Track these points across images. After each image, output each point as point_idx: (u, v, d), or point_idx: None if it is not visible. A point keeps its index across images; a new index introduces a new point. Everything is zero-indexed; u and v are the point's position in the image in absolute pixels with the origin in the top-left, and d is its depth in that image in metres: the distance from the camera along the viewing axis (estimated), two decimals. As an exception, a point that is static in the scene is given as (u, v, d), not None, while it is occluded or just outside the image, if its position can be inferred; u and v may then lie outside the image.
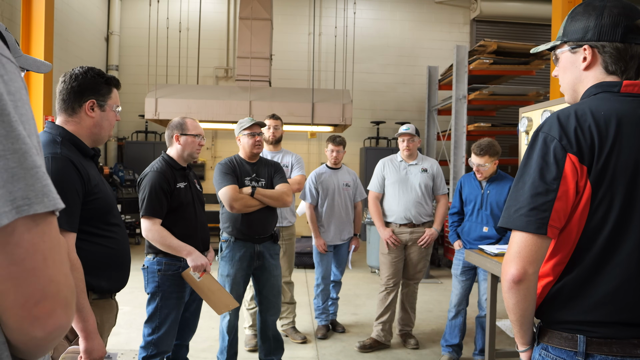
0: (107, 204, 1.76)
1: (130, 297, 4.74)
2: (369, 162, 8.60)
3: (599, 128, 1.14)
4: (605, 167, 1.13)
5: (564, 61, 1.30)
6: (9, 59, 0.64)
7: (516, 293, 1.17)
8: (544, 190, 1.13)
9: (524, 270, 1.15)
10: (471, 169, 3.51)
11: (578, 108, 1.18)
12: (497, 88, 7.27)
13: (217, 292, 2.59)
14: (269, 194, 3.01)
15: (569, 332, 1.17)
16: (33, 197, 0.57)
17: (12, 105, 0.59)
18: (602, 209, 1.13)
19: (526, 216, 1.13)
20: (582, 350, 1.14)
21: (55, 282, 0.60)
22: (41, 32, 5.57)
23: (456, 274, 3.56)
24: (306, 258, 6.48)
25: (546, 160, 1.14)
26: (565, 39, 1.28)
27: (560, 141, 1.14)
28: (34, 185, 0.58)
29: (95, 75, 1.79)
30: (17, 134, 0.57)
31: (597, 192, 1.13)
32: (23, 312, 0.58)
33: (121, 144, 9.34)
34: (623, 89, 1.20)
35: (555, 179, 1.12)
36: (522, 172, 1.18)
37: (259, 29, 7.02)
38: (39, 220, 0.59)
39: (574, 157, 1.13)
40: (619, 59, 1.21)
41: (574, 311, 1.17)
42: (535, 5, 9.41)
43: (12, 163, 0.56)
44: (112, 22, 9.39)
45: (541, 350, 1.23)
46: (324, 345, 3.94)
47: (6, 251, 0.56)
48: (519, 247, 1.15)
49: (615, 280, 1.14)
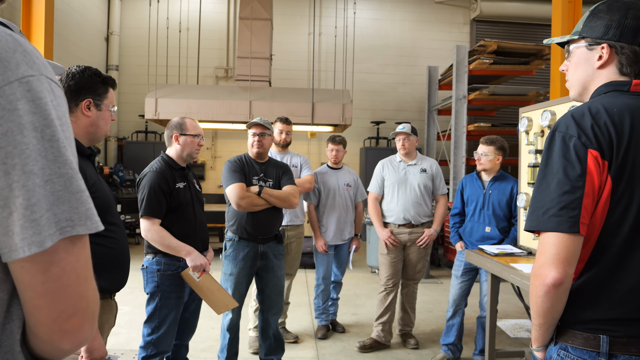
0: (105, 203, 1.76)
1: (130, 297, 4.74)
2: (369, 162, 8.60)
3: (615, 124, 1.13)
4: (624, 162, 1.12)
5: (578, 57, 1.29)
6: (57, 84, 0.66)
7: (554, 297, 1.13)
8: (570, 188, 1.11)
9: (565, 272, 1.11)
10: (472, 169, 3.51)
11: (591, 106, 1.17)
12: (497, 88, 7.27)
13: (216, 292, 2.59)
14: (275, 194, 3.02)
15: (590, 332, 1.14)
16: (77, 220, 0.61)
17: (60, 130, 0.62)
18: (622, 204, 1.12)
19: (557, 216, 1.11)
20: (606, 351, 1.12)
21: (86, 298, 0.64)
22: (41, 32, 5.57)
23: (457, 274, 3.55)
24: (306, 258, 6.47)
25: (568, 159, 1.12)
26: (584, 34, 1.27)
27: (579, 138, 1.13)
28: (77, 209, 0.61)
29: (92, 74, 1.79)
30: (65, 159, 0.62)
31: (617, 187, 1.12)
32: (55, 326, 0.62)
33: (121, 144, 9.34)
34: (633, 87, 1.20)
35: (581, 176, 1.11)
36: (544, 174, 1.16)
37: (259, 29, 7.01)
38: (77, 241, 0.62)
39: (595, 152, 1.12)
40: (635, 62, 1.21)
41: (596, 309, 1.15)
42: (535, 5, 9.41)
43: (59, 187, 0.60)
44: (112, 22, 9.39)
45: (560, 350, 1.20)
46: (324, 345, 3.93)
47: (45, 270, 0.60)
48: (557, 249, 1.11)
49: (637, 275, 1.12)
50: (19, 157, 0.58)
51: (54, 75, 0.67)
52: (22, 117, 0.59)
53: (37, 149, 0.59)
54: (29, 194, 0.58)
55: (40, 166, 0.59)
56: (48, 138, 0.61)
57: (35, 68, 0.63)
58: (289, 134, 3.90)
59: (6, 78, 0.60)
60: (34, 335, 0.64)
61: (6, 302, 0.62)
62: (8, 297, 0.63)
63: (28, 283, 0.60)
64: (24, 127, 0.59)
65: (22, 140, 0.59)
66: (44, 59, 0.68)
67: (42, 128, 0.60)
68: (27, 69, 0.62)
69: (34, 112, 0.60)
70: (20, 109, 0.59)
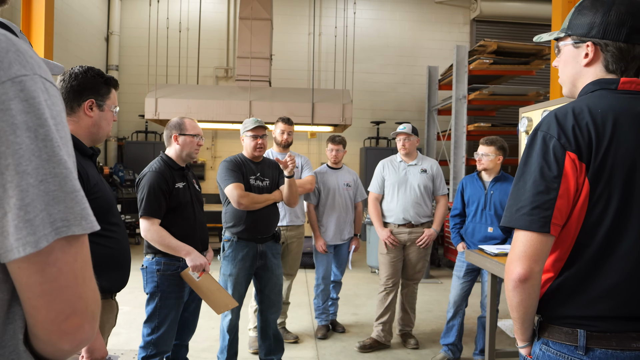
0: (106, 203, 1.76)
1: (130, 297, 4.73)
2: (369, 162, 8.60)
3: (597, 126, 1.14)
4: (603, 164, 1.13)
5: (566, 54, 1.30)
6: (52, 83, 0.66)
7: (521, 292, 1.17)
8: (545, 188, 1.13)
9: (530, 269, 1.15)
10: (472, 169, 3.51)
11: (575, 106, 1.18)
12: (497, 88, 7.27)
13: (216, 292, 2.59)
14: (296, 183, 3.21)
15: (569, 327, 1.18)
16: (72, 220, 0.61)
17: (54, 130, 0.62)
18: (600, 206, 1.14)
19: (529, 215, 1.14)
20: (583, 345, 1.15)
21: (84, 298, 0.64)
22: (41, 32, 5.57)
23: (459, 275, 3.54)
24: (306, 258, 6.47)
25: (546, 159, 1.14)
26: (570, 32, 1.27)
27: (559, 140, 1.14)
28: (73, 208, 0.61)
29: (95, 75, 1.80)
30: (59, 158, 0.61)
31: (595, 188, 1.14)
32: (53, 326, 0.62)
33: (121, 144, 9.34)
34: (620, 86, 1.20)
35: (557, 177, 1.13)
36: (523, 171, 1.18)
37: (259, 29, 7.02)
38: (73, 241, 0.62)
39: (573, 154, 1.13)
40: (620, 59, 1.21)
41: (575, 306, 1.18)
42: (535, 5, 9.41)
43: (53, 186, 0.60)
44: (112, 22, 9.39)
45: (542, 345, 1.23)
46: (324, 345, 3.93)
47: (41, 270, 0.60)
48: (524, 246, 1.15)
49: (614, 275, 1.14)
50: (12, 157, 0.58)
51: (49, 75, 0.67)
52: (14, 117, 0.59)
53: (31, 148, 0.59)
54: (23, 194, 0.58)
55: (34, 166, 0.59)
56: (42, 138, 0.60)
57: (29, 67, 0.62)
58: (291, 134, 3.90)
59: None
60: (34, 336, 0.64)
61: (7, 303, 0.62)
62: (9, 297, 0.63)
63: (25, 284, 0.60)
64: (17, 127, 0.59)
65: (14, 140, 0.59)
66: (40, 59, 0.67)
67: (36, 128, 0.60)
68: (20, 68, 0.61)
69: (27, 112, 0.60)
70: (13, 108, 0.59)
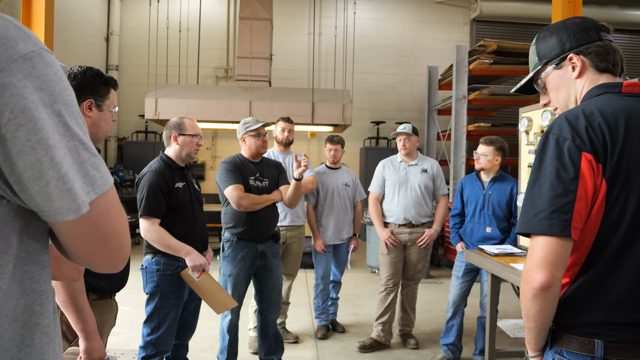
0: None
1: (130, 297, 4.73)
2: (369, 162, 8.60)
3: (609, 126, 1.12)
4: (619, 163, 1.11)
5: (553, 80, 1.30)
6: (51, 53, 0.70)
7: (542, 300, 1.12)
8: (563, 191, 1.09)
9: (552, 276, 1.10)
10: (472, 169, 3.51)
11: (585, 108, 1.16)
12: (497, 88, 7.26)
13: (216, 292, 2.59)
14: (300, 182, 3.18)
15: (586, 337, 1.14)
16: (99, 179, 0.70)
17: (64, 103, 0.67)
18: (618, 207, 1.11)
19: (548, 219, 1.09)
20: (600, 356, 1.11)
21: (126, 233, 0.76)
22: (41, 32, 5.57)
23: (458, 275, 3.55)
24: (306, 258, 6.46)
25: (562, 161, 1.11)
26: (546, 59, 1.30)
27: (573, 141, 1.11)
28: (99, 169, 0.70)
29: (94, 75, 1.79)
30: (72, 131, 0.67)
31: (612, 189, 1.11)
32: (108, 262, 0.76)
33: (121, 144, 9.35)
34: (624, 89, 1.19)
35: (574, 179, 1.09)
36: (537, 176, 1.15)
37: (259, 29, 7.01)
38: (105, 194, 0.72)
39: (589, 155, 1.10)
40: (605, 53, 1.22)
41: (591, 314, 1.14)
42: (535, 5, 9.41)
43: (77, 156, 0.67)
44: (112, 22, 9.39)
45: (555, 354, 1.19)
46: (324, 345, 3.93)
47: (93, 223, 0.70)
48: (544, 252, 1.10)
49: (632, 278, 1.11)
50: (41, 132, 0.62)
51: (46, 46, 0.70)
52: (32, 94, 0.62)
53: (51, 124, 0.64)
54: (58, 166, 0.64)
55: (58, 140, 0.64)
56: (57, 113, 0.65)
57: (32, 42, 0.65)
58: (292, 133, 3.91)
59: (10, 56, 0.61)
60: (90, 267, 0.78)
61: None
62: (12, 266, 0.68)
63: (83, 235, 0.70)
64: (37, 104, 0.63)
65: (39, 116, 0.62)
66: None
67: (51, 104, 0.64)
68: (26, 45, 0.64)
69: (42, 89, 0.63)
70: (29, 86, 0.62)
